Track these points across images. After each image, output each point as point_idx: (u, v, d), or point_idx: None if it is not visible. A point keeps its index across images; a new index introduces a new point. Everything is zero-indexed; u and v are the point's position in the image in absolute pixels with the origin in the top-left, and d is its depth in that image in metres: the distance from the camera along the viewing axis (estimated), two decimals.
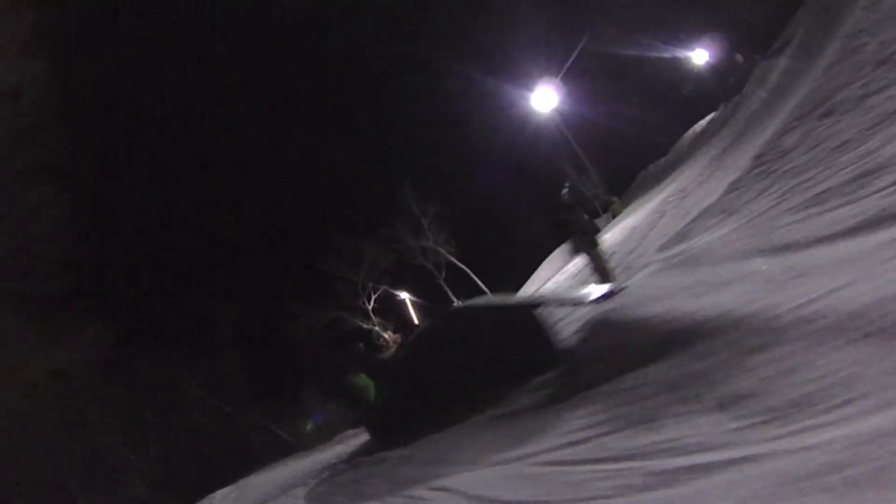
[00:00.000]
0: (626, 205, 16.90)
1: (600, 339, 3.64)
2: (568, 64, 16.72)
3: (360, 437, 11.16)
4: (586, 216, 9.20)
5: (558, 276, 15.51)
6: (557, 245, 22.07)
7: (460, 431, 4.63)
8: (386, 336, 26.48)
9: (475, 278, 23.88)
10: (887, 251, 2.29)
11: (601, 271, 7.78)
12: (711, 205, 6.78)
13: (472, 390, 5.58)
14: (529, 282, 20.66)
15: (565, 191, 10.32)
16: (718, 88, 15.63)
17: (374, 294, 26.08)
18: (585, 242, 8.06)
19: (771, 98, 8.61)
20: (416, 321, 27.19)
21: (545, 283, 16.27)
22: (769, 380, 1.97)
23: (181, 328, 22.89)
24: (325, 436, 22.06)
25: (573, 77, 17.92)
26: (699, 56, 17.30)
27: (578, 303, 6.53)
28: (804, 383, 1.81)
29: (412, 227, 24.57)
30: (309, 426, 23.88)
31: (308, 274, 25.17)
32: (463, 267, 24.21)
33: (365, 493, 4.40)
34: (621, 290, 5.51)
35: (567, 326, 6.21)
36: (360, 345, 24.79)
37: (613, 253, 9.28)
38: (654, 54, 17.14)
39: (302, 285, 24.99)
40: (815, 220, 3.25)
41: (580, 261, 10.15)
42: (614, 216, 15.98)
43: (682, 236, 6.88)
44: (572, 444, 2.55)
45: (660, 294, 3.30)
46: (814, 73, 6.79)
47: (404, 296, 27.28)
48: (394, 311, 27.15)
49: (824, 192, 3.95)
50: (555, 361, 4.87)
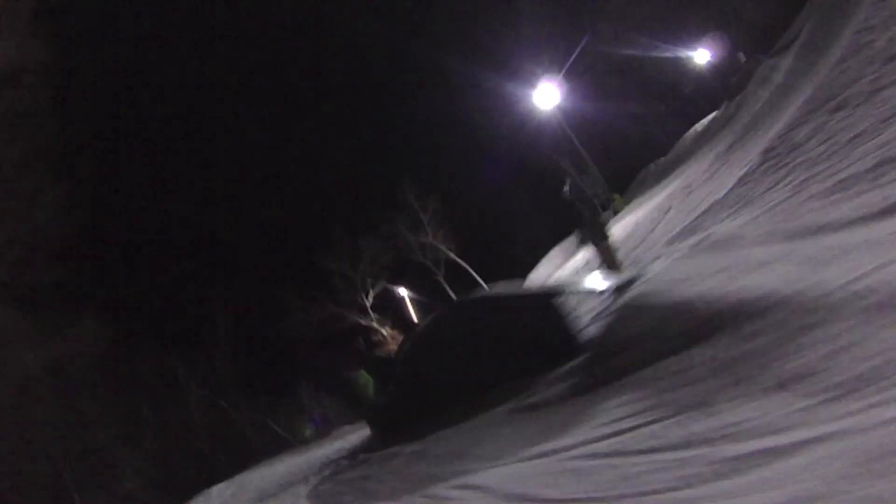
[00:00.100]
0: (627, 202, 16.99)
1: (629, 326, 3.55)
2: (570, 61, 16.78)
3: (359, 433, 11.04)
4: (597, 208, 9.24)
5: (563, 270, 15.53)
6: (557, 241, 22.15)
7: (477, 425, 4.42)
8: (384, 332, 26.42)
9: (475, 275, 23.87)
10: None
11: (610, 263, 7.84)
12: (721, 198, 6.82)
13: (485, 383, 5.40)
14: (530, 278, 20.69)
15: (566, 188, 10.40)
16: (720, 88, 15.75)
17: (373, 290, 26.00)
18: (595, 234, 8.10)
19: (777, 94, 8.69)
20: (414, 318, 27.16)
21: (549, 277, 16.29)
22: (828, 357, 1.89)
23: (178, 323, 22.70)
24: (322, 431, 21.98)
25: (575, 75, 17.99)
26: (701, 55, 17.42)
27: (599, 291, 6.42)
28: (865, 359, 1.75)
29: (412, 223, 24.52)
30: (308, 432, 23.76)
31: (306, 270, 25.05)
32: (463, 264, 24.18)
33: (377, 491, 4.14)
34: (641, 278, 5.47)
35: (583, 315, 6.16)
36: (360, 339, 24.75)
37: (617, 249, 9.33)
38: (655, 53, 17.21)
39: (300, 281, 24.87)
40: (843, 205, 3.28)
41: (587, 253, 10.20)
42: (615, 213, 16.06)
43: (692, 229, 6.93)
44: (616, 434, 2.39)
45: (691, 278, 3.22)
46: (822, 68, 6.86)
47: (403, 292, 27.24)
48: (392, 308, 27.10)
49: (846, 179, 3.99)
50: (574, 351, 4.77)
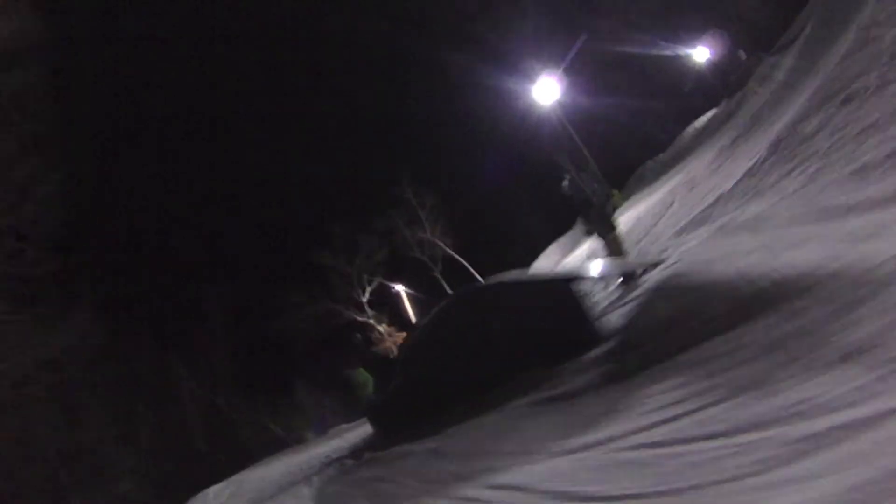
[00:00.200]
0: (625, 198, 17.14)
1: (662, 308, 3.47)
2: (570, 57, 16.83)
3: (359, 431, 10.91)
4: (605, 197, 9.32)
5: (564, 263, 15.60)
6: (555, 237, 22.26)
7: (495, 420, 4.20)
8: (380, 329, 26.35)
9: (472, 271, 23.89)
10: None
11: (617, 254, 7.90)
12: (729, 190, 6.91)
13: (498, 375, 5.20)
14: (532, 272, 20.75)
15: (565, 183, 10.48)
16: (720, 85, 15.92)
17: (370, 287, 25.91)
18: (602, 225, 8.16)
19: (782, 90, 8.82)
20: (411, 314, 27.13)
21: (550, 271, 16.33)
22: (889, 328, 1.85)
23: (174, 321, 22.45)
24: (317, 430, 21.88)
25: (574, 71, 18.06)
26: (701, 53, 17.58)
27: (623, 275, 6.35)
28: None
29: (409, 218, 24.48)
30: (308, 435, 23.64)
31: (302, 265, 24.87)
32: (460, 259, 24.18)
33: (394, 494, 3.84)
34: (666, 261, 5.46)
35: (600, 302, 6.14)
36: (358, 336, 24.69)
37: (623, 241, 9.41)
38: (655, 51, 17.34)
39: (296, 278, 24.69)
40: (865, 190, 3.34)
41: (593, 243, 10.25)
42: (615, 208, 16.17)
43: (701, 220, 7.02)
44: (669, 420, 2.24)
45: (728, 256, 3.21)
46: (828, 63, 6.97)
47: (400, 288, 27.18)
48: (389, 305, 27.02)
49: (861, 168, 4.06)
50: (594, 340, 4.65)
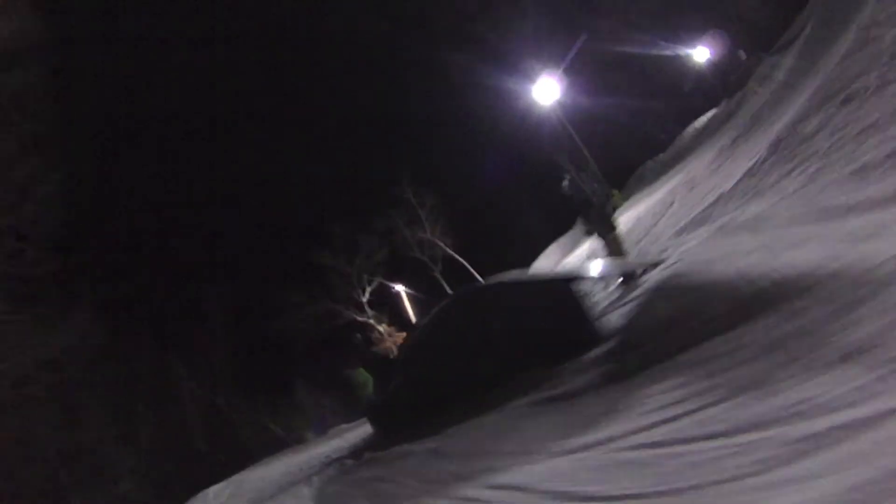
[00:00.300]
0: (625, 198, 17.15)
1: (662, 308, 3.47)
2: (570, 57, 16.82)
3: (358, 431, 10.90)
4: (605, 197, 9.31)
5: (564, 263, 15.60)
6: (555, 237, 22.27)
7: (495, 420, 4.18)
8: (380, 329, 26.36)
9: (472, 271, 23.89)
10: None
11: (617, 254, 7.92)
12: (729, 190, 6.92)
13: (498, 375, 5.19)
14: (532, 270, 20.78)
15: (565, 183, 10.48)
16: (720, 85, 15.92)
17: (369, 287, 25.91)
18: (602, 225, 8.19)
19: (782, 90, 8.82)
20: (411, 314, 27.14)
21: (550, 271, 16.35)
22: (889, 328, 1.84)
23: (173, 321, 22.45)
24: (317, 430, 21.88)
25: (574, 71, 18.06)
26: (701, 53, 17.58)
27: (623, 275, 6.36)
28: None
29: (409, 218, 24.48)
30: (309, 436, 23.63)
31: (302, 265, 24.87)
32: (460, 259, 24.17)
33: (394, 494, 3.79)
34: (666, 261, 5.46)
35: (599, 302, 6.15)
36: (358, 336, 24.71)
37: (623, 241, 9.42)
38: (655, 51, 17.34)
39: (296, 277, 24.70)
40: (865, 190, 3.34)
41: (593, 243, 10.26)
42: (615, 208, 16.20)
43: (701, 220, 7.02)
44: (669, 420, 2.22)
45: (728, 256, 3.20)
46: (828, 63, 6.98)
47: (400, 288, 27.18)
48: (389, 305, 27.02)
49: (862, 168, 4.06)
50: (594, 339, 4.64)
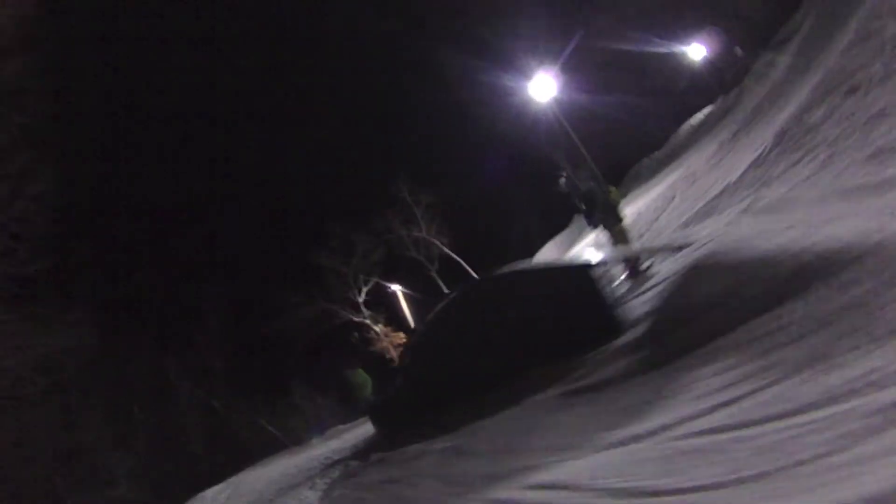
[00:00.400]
0: (622, 195, 17.26)
1: (696, 291, 3.38)
2: (566, 54, 16.88)
3: (356, 432, 10.74)
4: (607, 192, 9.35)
5: (570, 254, 15.64)
6: (552, 236, 22.36)
7: (520, 414, 3.95)
8: (376, 329, 26.26)
9: (469, 269, 23.88)
10: None
11: (624, 245, 7.96)
12: (735, 181, 6.99)
13: (514, 368, 5.06)
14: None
15: (562, 181, 10.49)
16: (715, 83, 16.08)
17: (365, 287, 25.81)
18: (608, 216, 8.23)
19: (782, 84, 8.93)
20: (407, 314, 27.05)
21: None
22: None
23: (170, 321, 22.19)
24: (313, 431, 21.70)
25: (570, 69, 18.12)
26: (696, 50, 17.73)
27: (636, 261, 6.34)
28: None
29: (405, 217, 24.41)
30: (313, 440, 23.19)
31: (298, 266, 24.73)
32: (456, 258, 24.14)
33: (414, 497, 3.51)
34: (689, 245, 5.46)
35: (617, 289, 6.11)
36: (355, 334, 24.62)
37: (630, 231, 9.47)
38: (650, 48, 17.47)
39: (292, 277, 24.55)
40: (886, 171, 3.39)
41: (599, 235, 10.29)
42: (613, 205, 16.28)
43: (707, 212, 7.09)
44: (728, 404, 2.10)
45: (756, 238, 3.15)
46: (830, 55, 7.07)
47: (396, 288, 27.09)
48: (385, 304, 26.93)
49: (877, 153, 4.11)
50: (617, 327, 4.58)
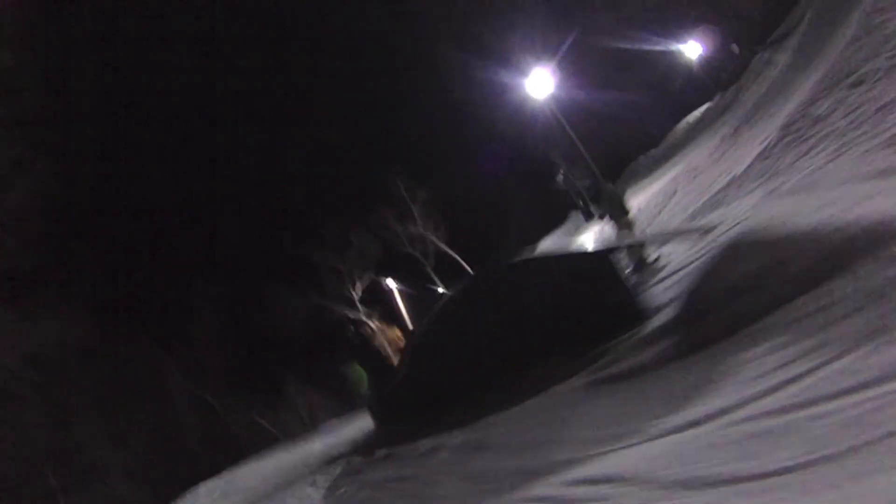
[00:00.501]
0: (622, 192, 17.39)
1: (728, 273, 3.35)
2: (562, 51, 16.91)
3: (351, 427, 10.54)
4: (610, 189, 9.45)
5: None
6: (548, 231, 22.44)
7: (545, 404, 3.72)
8: (372, 326, 26.18)
9: (465, 266, 23.90)
10: None
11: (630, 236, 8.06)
12: (742, 173, 7.09)
13: (529, 358, 4.95)
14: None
15: (559, 177, 10.51)
16: (712, 81, 16.26)
17: (361, 283, 25.72)
18: (614, 209, 8.33)
19: (782, 79, 9.08)
20: (403, 311, 26.99)
21: None
22: None
23: (163, 317, 21.87)
24: (308, 426, 21.55)
25: (566, 66, 18.17)
26: (692, 48, 17.88)
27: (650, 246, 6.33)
28: None
29: (401, 213, 24.34)
30: (300, 433, 22.32)
31: (294, 262, 24.54)
32: (452, 254, 24.12)
33: (437, 495, 3.13)
34: (712, 228, 5.47)
35: (634, 275, 6.06)
36: (351, 327, 24.54)
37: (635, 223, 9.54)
38: (647, 46, 17.60)
39: (287, 273, 24.36)
40: None
41: (605, 226, 10.38)
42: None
43: (714, 203, 7.18)
44: (789, 382, 1.99)
45: (789, 219, 3.19)
46: (831, 51, 7.21)
47: (391, 284, 27.01)
48: (381, 300, 26.84)
49: (891, 139, 4.23)
50: (640, 314, 4.53)
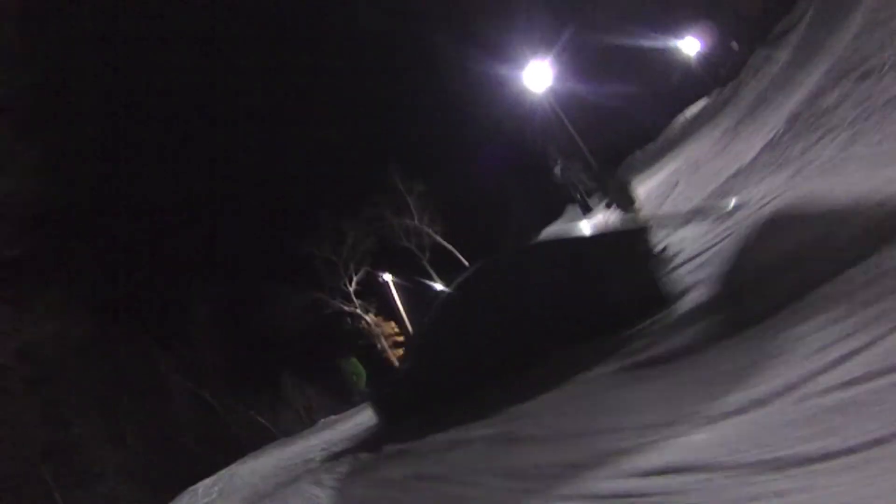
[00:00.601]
0: None
1: (764, 251, 3.32)
2: (560, 45, 16.96)
3: (350, 422, 10.47)
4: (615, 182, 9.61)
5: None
6: (546, 224, 22.61)
7: (577, 392, 3.50)
8: (367, 319, 26.18)
9: (462, 258, 23.98)
10: None
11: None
12: (748, 163, 7.24)
13: (550, 344, 4.67)
14: None
15: (557, 170, 10.63)
16: (709, 76, 16.45)
17: (356, 276, 25.68)
18: (622, 199, 8.51)
19: (784, 74, 9.24)
20: (399, 304, 27.02)
21: None
22: None
23: (161, 316, 21.63)
24: (306, 423, 21.56)
25: (563, 60, 18.22)
26: (690, 44, 18.05)
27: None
28: None
29: (397, 206, 24.32)
30: (298, 428, 22.13)
31: (289, 256, 24.41)
32: (449, 247, 24.19)
33: (467, 496, 2.84)
34: (739, 208, 5.56)
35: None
36: (348, 319, 24.59)
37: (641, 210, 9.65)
38: (645, 42, 17.71)
39: (283, 267, 24.24)
40: None
41: (611, 215, 10.54)
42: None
43: (721, 193, 7.32)
44: (852, 354, 1.89)
45: (824, 196, 3.26)
46: (836, 45, 7.36)
47: (387, 277, 26.99)
48: (377, 294, 26.82)
49: None
50: (669, 295, 4.40)
